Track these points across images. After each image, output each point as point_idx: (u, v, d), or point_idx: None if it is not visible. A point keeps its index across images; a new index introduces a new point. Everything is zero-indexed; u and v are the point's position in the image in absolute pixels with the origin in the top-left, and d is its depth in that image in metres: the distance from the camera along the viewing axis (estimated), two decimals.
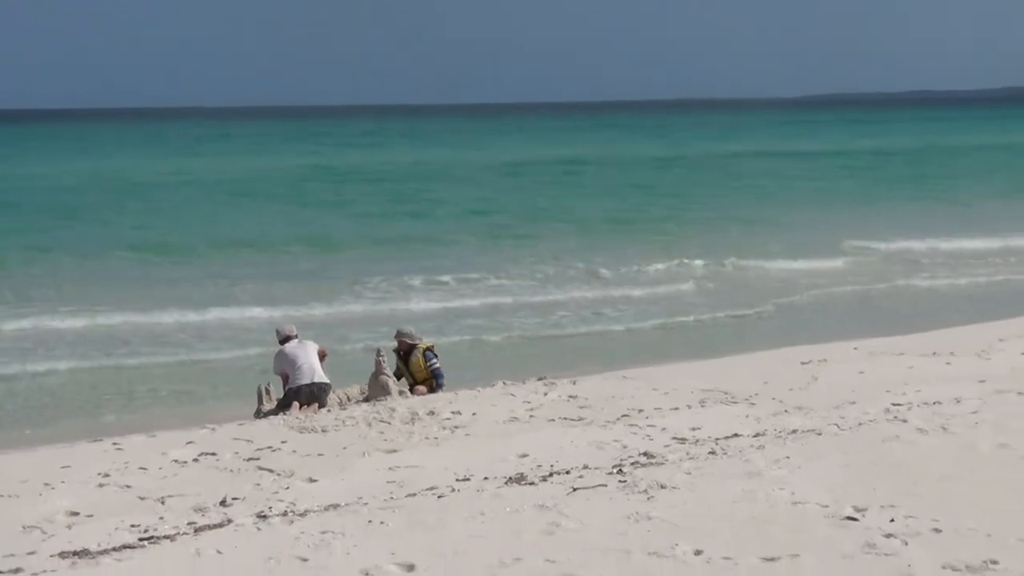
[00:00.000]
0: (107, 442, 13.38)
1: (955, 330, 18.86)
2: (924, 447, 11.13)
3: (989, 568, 7.72)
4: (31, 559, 9.06)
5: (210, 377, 18.19)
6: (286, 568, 8.49)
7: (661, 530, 8.90)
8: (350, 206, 50.99)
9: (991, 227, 35.57)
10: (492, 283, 28.77)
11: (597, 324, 23.36)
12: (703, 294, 26.78)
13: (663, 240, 36.07)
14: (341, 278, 28.79)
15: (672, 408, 13.52)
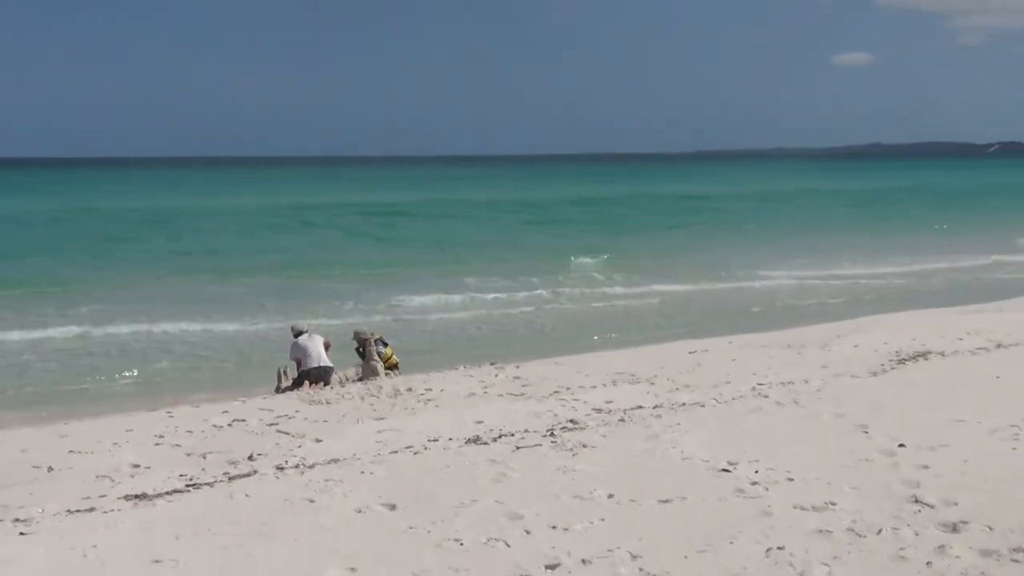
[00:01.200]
0: (162, 411, 13.35)
1: (804, 329, 18.98)
2: (780, 416, 11.18)
3: (828, 508, 7.74)
4: (102, 500, 9.05)
5: (240, 363, 18.09)
6: (298, 507, 8.47)
7: (583, 479, 8.90)
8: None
9: (824, 257, 35.63)
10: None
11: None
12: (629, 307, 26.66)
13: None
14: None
15: (591, 386, 13.55)
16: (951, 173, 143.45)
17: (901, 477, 8.50)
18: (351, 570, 6.90)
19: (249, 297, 26.58)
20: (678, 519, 7.69)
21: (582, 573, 6.65)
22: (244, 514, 8.37)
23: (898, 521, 7.36)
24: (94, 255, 37.16)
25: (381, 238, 46.89)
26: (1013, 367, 13.44)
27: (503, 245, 41.25)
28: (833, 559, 6.65)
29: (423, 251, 39.67)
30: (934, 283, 28.87)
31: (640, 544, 7.10)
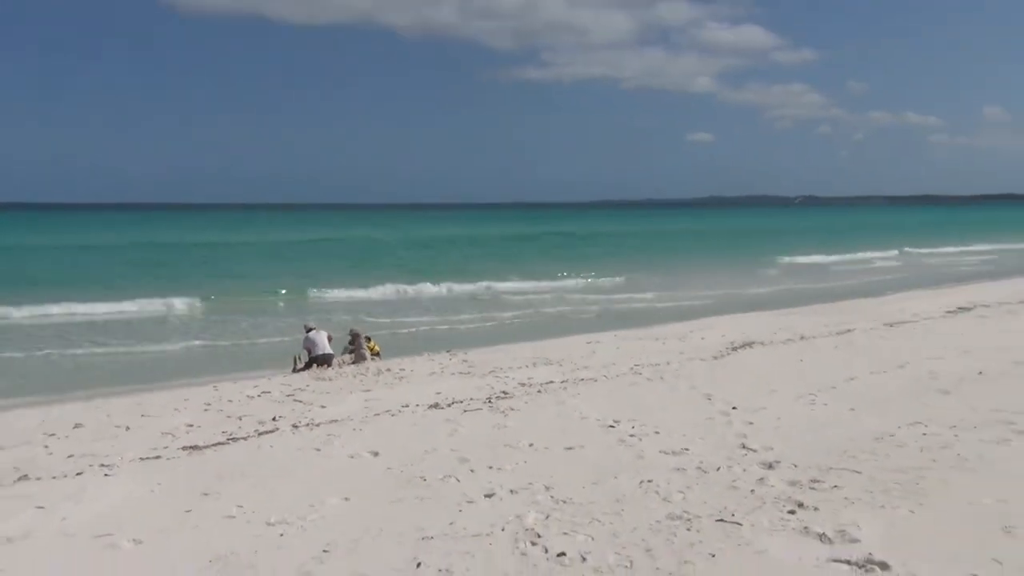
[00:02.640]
0: (209, 386, 13.14)
1: (666, 326, 19.08)
2: (650, 388, 11.25)
3: (683, 452, 7.80)
4: (165, 450, 8.93)
5: (268, 352, 17.89)
6: (308, 455, 8.40)
7: (512, 432, 8.91)
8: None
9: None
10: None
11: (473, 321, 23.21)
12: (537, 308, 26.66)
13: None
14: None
15: (518, 367, 13.55)
16: (766, 218, 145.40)
17: (734, 431, 8.58)
18: (345, 499, 6.85)
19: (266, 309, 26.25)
20: (578, 461, 7.72)
21: (511, 499, 6.65)
22: (269, 460, 8.30)
23: (731, 461, 7.43)
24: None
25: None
26: (811, 353, 13.62)
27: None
28: (686, 488, 6.70)
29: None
30: (751, 292, 29.15)
31: (551, 479, 7.12)
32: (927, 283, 29.64)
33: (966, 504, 6.03)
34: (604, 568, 5.19)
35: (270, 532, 6.14)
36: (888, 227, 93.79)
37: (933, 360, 12.23)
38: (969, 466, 6.95)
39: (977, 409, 8.97)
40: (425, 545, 5.73)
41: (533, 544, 5.63)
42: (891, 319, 17.61)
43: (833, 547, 5.35)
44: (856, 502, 6.17)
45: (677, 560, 5.26)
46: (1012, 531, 5.46)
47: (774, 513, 6.01)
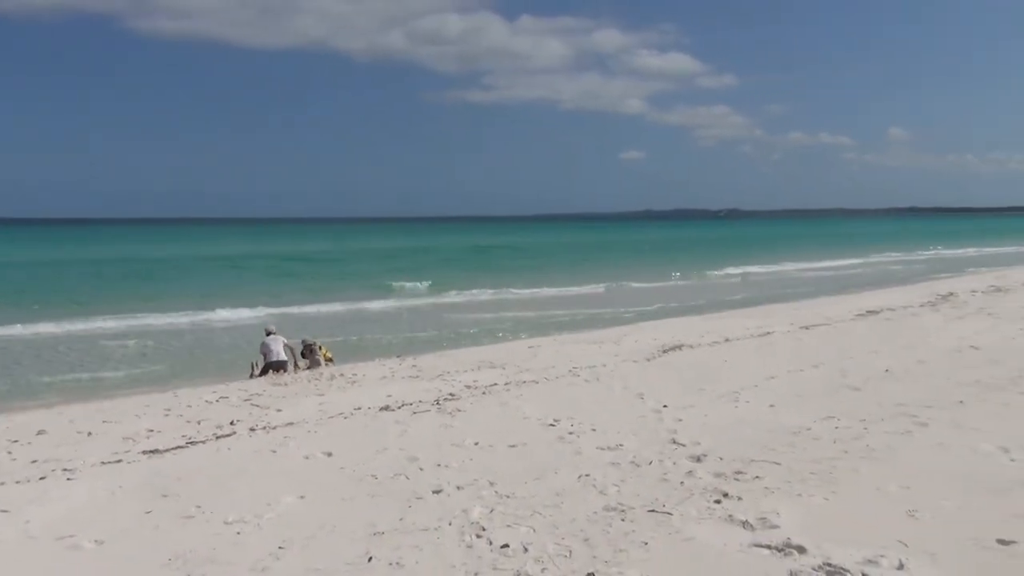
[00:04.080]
0: (170, 392, 12.91)
1: (602, 330, 19.24)
2: (587, 389, 11.30)
3: (618, 448, 7.85)
4: (127, 454, 8.73)
5: (225, 357, 17.58)
6: (264, 456, 8.28)
7: (458, 432, 8.88)
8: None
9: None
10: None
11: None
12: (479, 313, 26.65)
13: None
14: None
15: (464, 371, 13.51)
16: (695, 229, 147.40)
17: (664, 427, 8.66)
18: (301, 497, 6.77)
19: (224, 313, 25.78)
20: (521, 458, 7.72)
21: (457, 495, 6.62)
22: (226, 462, 8.16)
23: (662, 456, 7.50)
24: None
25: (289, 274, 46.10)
26: (735, 354, 13.80)
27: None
28: (621, 481, 6.75)
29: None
30: (680, 297, 29.51)
31: (495, 475, 7.11)
32: (840, 289, 30.25)
33: (874, 491, 6.17)
34: (544, 558, 5.20)
35: (227, 531, 6.04)
36: (805, 238, 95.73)
37: (845, 359, 12.49)
38: (877, 456, 7.11)
39: (884, 404, 9.19)
40: (376, 540, 5.68)
41: (478, 537, 5.62)
42: (807, 322, 17.93)
43: (755, 533, 5.43)
44: (776, 491, 6.26)
45: (612, 549, 5.29)
46: (915, 515, 5.60)
47: (701, 503, 6.08)
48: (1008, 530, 5.23)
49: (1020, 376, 10.39)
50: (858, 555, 4.94)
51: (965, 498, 5.89)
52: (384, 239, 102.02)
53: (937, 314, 18.32)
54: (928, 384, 10.24)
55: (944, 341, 13.90)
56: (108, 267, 48.49)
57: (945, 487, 6.15)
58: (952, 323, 16.48)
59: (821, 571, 4.77)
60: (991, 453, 7.04)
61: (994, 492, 6.00)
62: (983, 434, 7.65)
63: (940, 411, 8.68)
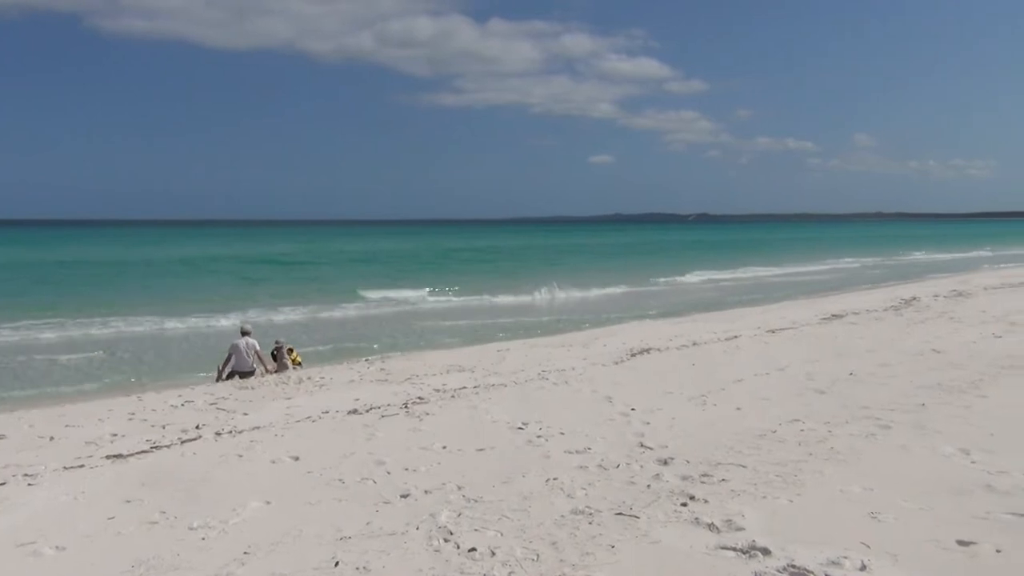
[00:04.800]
0: (134, 396, 12.76)
1: (571, 334, 19.30)
2: (556, 392, 11.31)
3: (586, 451, 7.87)
4: (89, 459, 8.58)
5: (192, 359, 17.38)
6: (231, 461, 8.18)
7: (427, 435, 8.85)
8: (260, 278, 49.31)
9: None
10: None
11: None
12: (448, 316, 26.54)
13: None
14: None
15: (433, 374, 13.48)
16: (665, 233, 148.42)
17: (632, 431, 8.70)
18: (267, 502, 6.71)
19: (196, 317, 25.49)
20: (489, 461, 7.71)
21: (425, 499, 6.60)
22: (192, 466, 8.06)
23: (630, 459, 7.53)
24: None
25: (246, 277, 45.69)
26: (702, 358, 13.90)
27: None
28: (589, 485, 6.76)
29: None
30: (648, 301, 29.65)
31: (463, 479, 7.11)
32: (806, 293, 30.58)
33: (838, 493, 6.24)
34: (512, 561, 5.20)
35: (192, 536, 5.97)
36: (772, 242, 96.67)
37: (810, 363, 12.62)
38: (841, 458, 7.19)
39: (848, 406, 9.30)
40: (343, 544, 5.65)
41: (446, 541, 5.61)
42: (773, 326, 18.10)
43: (721, 535, 5.47)
44: (742, 493, 6.31)
45: (580, 552, 5.30)
46: (877, 516, 5.66)
47: (668, 506, 6.11)
48: (968, 531, 5.32)
49: (981, 379, 10.56)
50: (821, 556, 4.99)
51: (926, 500, 5.98)
52: (353, 242, 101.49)
53: (900, 318, 18.58)
54: (891, 387, 10.38)
55: (907, 345, 14.09)
56: (69, 270, 47.74)
57: (907, 489, 6.24)
58: (915, 327, 16.71)
59: (785, 572, 4.81)
60: (952, 455, 7.14)
61: (955, 493, 6.10)
62: (944, 436, 7.77)
63: (903, 414, 8.80)
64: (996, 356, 12.32)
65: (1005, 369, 11.23)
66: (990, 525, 5.43)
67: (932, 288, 27.42)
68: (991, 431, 7.89)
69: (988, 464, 6.79)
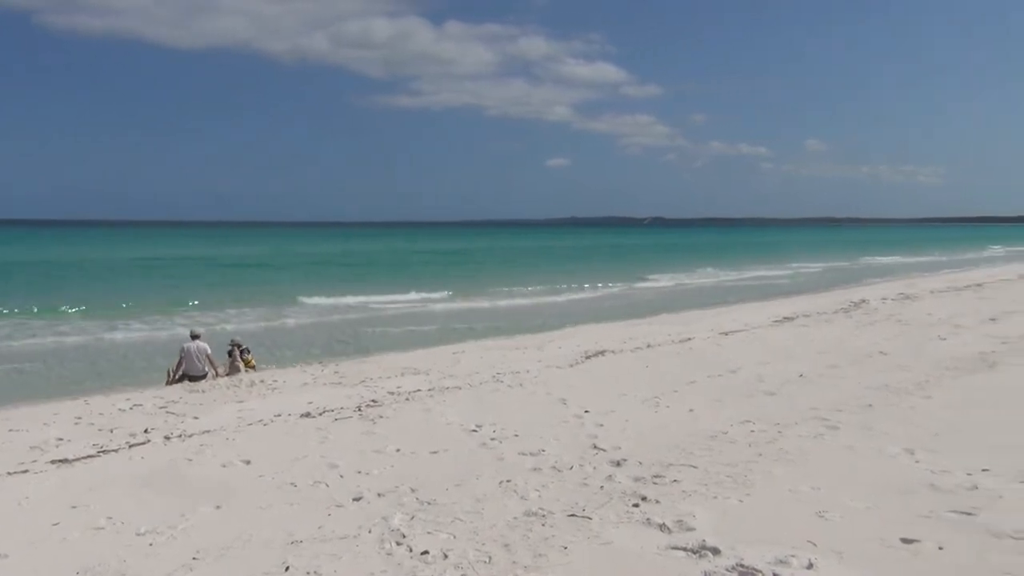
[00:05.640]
0: (81, 400, 12.48)
1: (525, 336, 19.27)
2: (510, 394, 11.33)
3: (540, 453, 7.89)
4: (34, 464, 8.40)
5: (142, 363, 17.07)
6: (180, 466, 8.06)
7: (380, 438, 8.81)
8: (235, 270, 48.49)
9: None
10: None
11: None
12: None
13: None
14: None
15: (387, 377, 13.40)
16: (620, 236, 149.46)
17: (586, 432, 8.75)
18: (217, 507, 6.62)
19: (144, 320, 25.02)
20: (443, 464, 7.70)
21: (378, 502, 6.57)
22: (140, 471, 7.93)
23: (584, 460, 7.57)
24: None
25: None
26: (656, 360, 14.02)
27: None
28: (542, 487, 6.78)
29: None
30: (603, 303, 29.75)
31: (417, 481, 7.09)
32: (758, 296, 30.98)
33: (787, 492, 6.34)
34: (464, 564, 5.20)
35: (139, 542, 5.87)
36: (726, 246, 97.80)
37: (761, 365, 12.80)
38: (789, 458, 7.31)
39: (797, 408, 9.45)
40: (294, 549, 5.60)
41: (398, 544, 5.59)
42: (725, 328, 18.32)
43: (672, 536, 5.52)
44: (693, 494, 6.38)
45: (532, 553, 5.32)
46: (824, 515, 5.76)
47: (620, 507, 6.15)
48: (912, 529, 5.43)
49: (926, 381, 10.80)
50: (770, 555, 5.06)
51: (872, 499, 6.10)
52: (308, 244, 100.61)
53: (849, 321, 18.92)
54: (840, 388, 10.57)
55: (856, 347, 14.36)
56: (8, 271, 46.63)
57: (854, 488, 6.36)
58: (863, 329, 17.03)
59: (734, 571, 4.88)
60: (897, 455, 7.30)
61: (900, 493, 6.23)
62: (890, 437, 7.93)
63: (850, 415, 8.97)
64: (941, 358, 12.62)
65: (949, 371, 11.51)
66: (933, 523, 5.56)
67: (880, 291, 27.98)
68: (935, 431, 8.08)
69: (932, 464, 6.95)
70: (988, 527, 5.40)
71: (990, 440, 7.63)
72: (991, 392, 9.94)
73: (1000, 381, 10.63)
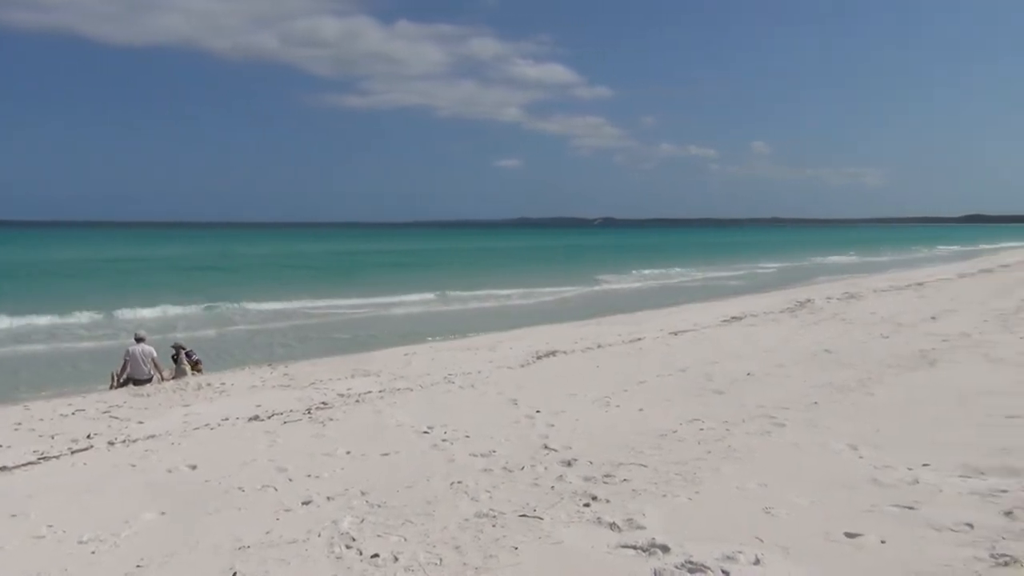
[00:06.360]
0: (21, 404, 12.16)
1: (477, 337, 19.27)
2: (462, 395, 11.32)
3: (491, 454, 7.89)
4: None
5: (84, 366, 16.69)
6: (123, 471, 7.92)
7: (330, 441, 8.74)
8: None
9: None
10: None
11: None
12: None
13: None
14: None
15: (337, 379, 13.29)
16: (571, 237, 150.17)
17: (537, 433, 8.77)
18: (162, 513, 6.50)
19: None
20: (393, 466, 7.66)
21: (327, 506, 6.51)
22: (83, 478, 7.76)
23: (535, 461, 7.59)
24: None
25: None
26: (607, 360, 14.12)
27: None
28: (493, 487, 6.78)
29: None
30: (555, 304, 29.79)
31: (367, 484, 7.04)
32: (707, 296, 31.36)
33: (735, 489, 6.42)
34: (415, 566, 5.17)
35: (81, 550, 5.74)
36: (675, 247, 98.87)
37: (710, 364, 12.96)
38: (737, 456, 7.41)
39: (745, 406, 9.59)
40: (242, 554, 5.52)
41: (348, 547, 5.54)
42: (675, 328, 18.52)
43: (622, 534, 5.56)
44: (643, 493, 6.43)
45: (483, 555, 5.32)
46: (771, 511, 5.86)
47: (571, 506, 6.18)
48: (855, 524, 5.54)
49: (869, 378, 11.04)
50: (717, 552, 5.12)
51: (817, 494, 6.21)
52: (254, 245, 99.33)
53: (795, 320, 19.26)
54: (786, 386, 10.75)
55: (801, 345, 14.62)
56: None
57: (799, 484, 6.47)
58: (809, 328, 17.35)
59: (683, 569, 4.93)
60: (841, 451, 7.44)
61: (843, 488, 6.35)
62: (834, 433, 8.09)
63: (796, 412, 9.12)
64: (883, 356, 12.90)
65: (891, 368, 11.77)
66: (876, 517, 5.68)
67: (825, 291, 28.51)
68: (877, 427, 8.26)
69: (875, 459, 7.10)
70: (929, 520, 5.53)
71: (930, 436, 7.83)
72: (931, 389, 10.18)
73: (940, 378, 10.90)
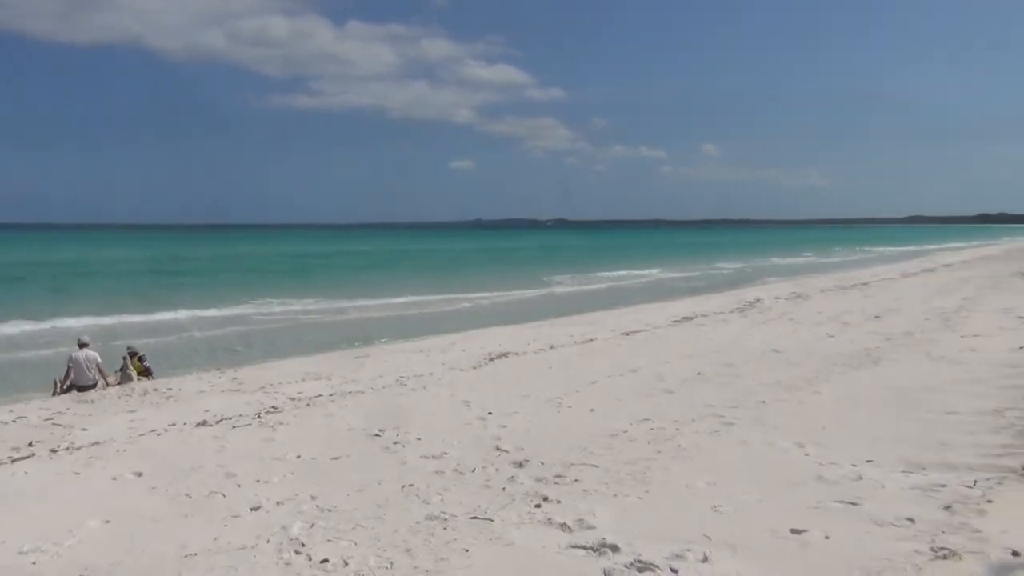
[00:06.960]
0: None
1: (429, 339, 19.21)
2: (414, 397, 11.26)
3: (443, 456, 7.88)
4: None
5: (27, 372, 16.28)
6: (67, 479, 7.74)
7: (279, 446, 8.64)
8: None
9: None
10: None
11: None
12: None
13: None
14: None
15: (288, 382, 13.15)
16: (524, 238, 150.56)
17: (489, 434, 8.77)
18: (106, 521, 6.37)
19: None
20: (344, 470, 7.60)
21: (276, 511, 6.44)
22: (23, 487, 7.57)
23: (486, 462, 7.59)
24: None
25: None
26: (559, 361, 14.17)
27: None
28: (444, 490, 6.77)
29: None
30: (507, 305, 29.85)
31: (317, 488, 6.98)
32: (658, 297, 31.65)
33: (684, 488, 6.50)
34: (365, 571, 5.14)
35: (22, 561, 5.60)
36: (627, 247, 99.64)
37: (660, 364, 13.09)
38: (687, 455, 7.50)
39: (695, 405, 9.70)
40: (188, 562, 5.43)
41: (297, 553, 5.49)
42: (626, 328, 18.66)
43: (572, 535, 5.59)
44: (593, 493, 6.47)
45: (434, 558, 5.30)
46: (719, 509, 5.94)
47: (522, 507, 6.19)
48: (801, 520, 5.64)
49: (815, 377, 11.24)
50: (667, 550, 5.18)
51: (764, 491, 6.31)
52: (200, 247, 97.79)
53: (745, 320, 19.53)
54: (735, 386, 10.90)
55: (751, 345, 14.83)
56: None
57: (747, 482, 6.57)
58: (757, 328, 17.60)
59: (633, 567, 4.97)
60: (788, 449, 7.57)
61: (790, 485, 6.46)
62: (781, 431, 8.22)
63: (744, 411, 9.26)
64: (829, 354, 13.15)
65: (837, 366, 12.00)
66: (820, 513, 5.78)
67: (774, 291, 28.96)
68: (823, 425, 8.42)
69: (820, 456, 7.24)
70: (871, 516, 5.65)
71: (874, 432, 8.00)
72: (875, 387, 10.40)
73: (883, 376, 11.14)
